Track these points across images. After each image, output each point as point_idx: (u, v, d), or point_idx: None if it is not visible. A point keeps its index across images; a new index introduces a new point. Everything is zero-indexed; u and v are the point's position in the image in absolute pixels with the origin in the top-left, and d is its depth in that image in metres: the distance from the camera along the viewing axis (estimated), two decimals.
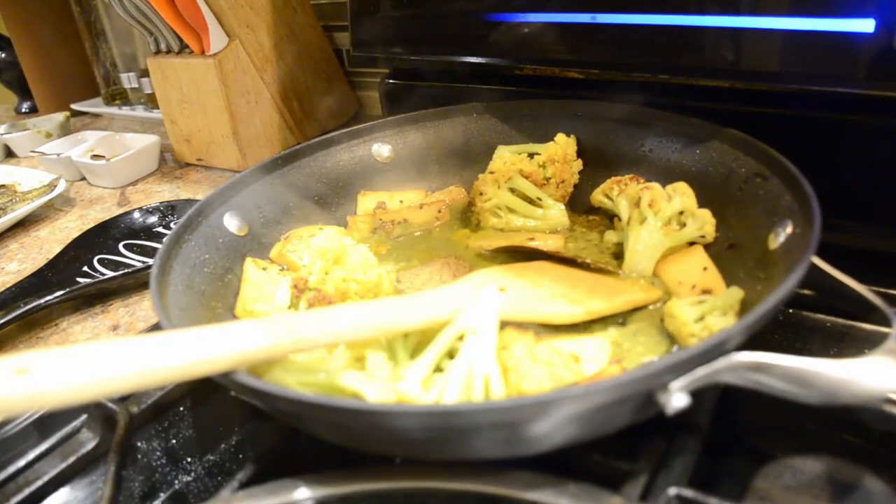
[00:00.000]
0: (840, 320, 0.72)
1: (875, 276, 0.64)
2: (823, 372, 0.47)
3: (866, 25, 0.69)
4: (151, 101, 1.74)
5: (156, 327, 0.88)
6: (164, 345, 0.48)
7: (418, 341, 0.62)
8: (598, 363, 0.60)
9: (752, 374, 0.48)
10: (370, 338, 0.57)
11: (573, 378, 0.56)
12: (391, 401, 0.55)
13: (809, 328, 0.72)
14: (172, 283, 0.69)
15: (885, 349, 0.49)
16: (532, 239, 0.83)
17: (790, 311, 0.72)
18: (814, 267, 0.58)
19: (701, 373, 0.48)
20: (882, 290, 0.65)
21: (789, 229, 0.64)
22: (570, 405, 0.45)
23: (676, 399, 0.47)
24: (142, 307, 0.97)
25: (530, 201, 0.90)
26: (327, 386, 0.55)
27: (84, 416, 0.73)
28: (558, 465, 0.52)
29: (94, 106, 1.90)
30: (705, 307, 0.64)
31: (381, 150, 1.01)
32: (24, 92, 2.15)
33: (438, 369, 0.58)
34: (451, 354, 0.59)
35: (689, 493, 0.51)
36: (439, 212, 0.92)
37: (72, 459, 0.69)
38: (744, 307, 0.65)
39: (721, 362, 0.48)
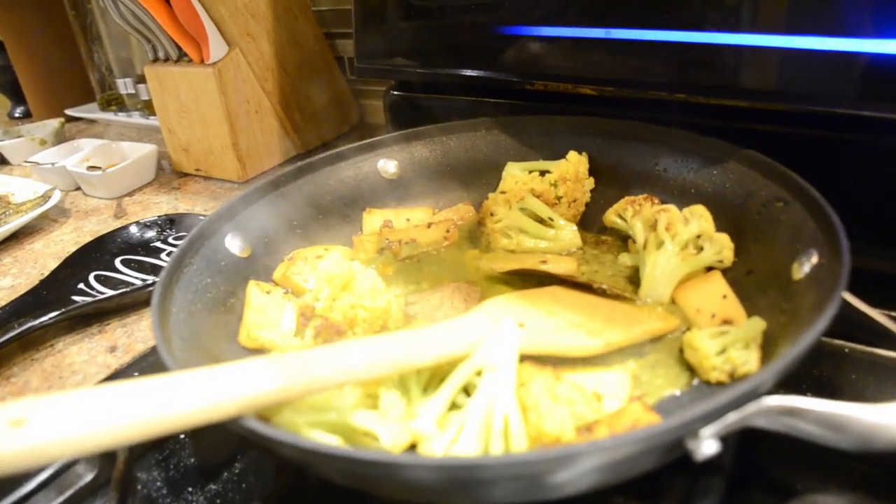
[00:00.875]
0: (859, 347, 0.70)
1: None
2: (859, 417, 0.45)
3: None
4: (148, 108, 1.71)
5: (155, 350, 0.86)
6: (169, 389, 0.46)
7: (431, 374, 0.60)
8: (618, 398, 0.58)
9: (785, 419, 0.47)
10: (384, 375, 0.55)
11: (594, 416, 0.54)
12: (406, 443, 0.53)
13: (826, 354, 0.69)
14: (174, 312, 0.66)
15: None
16: (544, 262, 0.81)
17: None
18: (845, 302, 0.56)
19: (732, 418, 0.46)
20: None
21: (814, 259, 0.62)
22: (597, 457, 0.43)
23: (706, 446, 0.45)
24: (140, 327, 0.94)
25: (541, 221, 0.88)
26: (339, 426, 0.53)
27: None
28: None
29: (89, 112, 1.87)
30: (727, 339, 0.62)
31: (388, 165, 0.98)
32: (17, 96, 2.11)
33: (454, 405, 0.56)
34: (466, 390, 0.57)
35: None
36: (448, 231, 0.89)
37: (69, 493, 0.66)
38: (766, 338, 0.63)
39: (752, 407, 0.46)
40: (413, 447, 0.54)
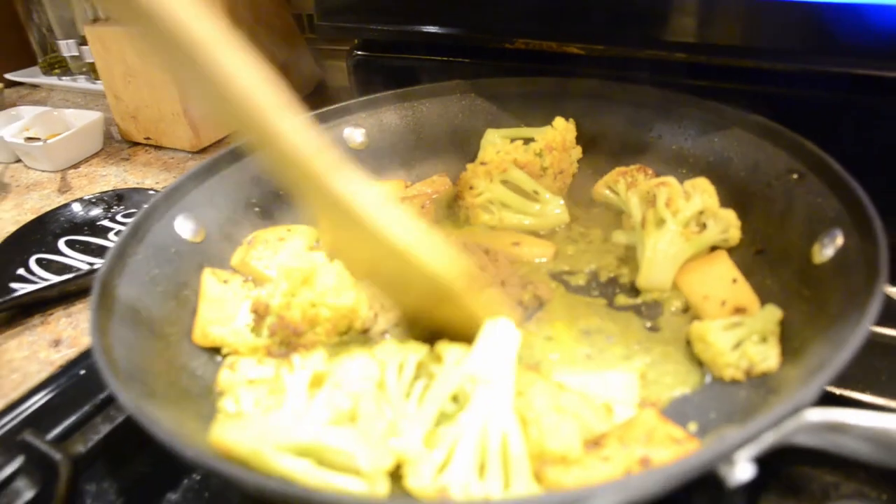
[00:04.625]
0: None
1: None
2: None
3: None
4: (94, 72, 1.60)
5: None
6: None
7: (415, 376, 0.53)
8: (628, 405, 0.52)
9: (828, 435, 0.41)
10: None
11: (603, 428, 0.48)
12: (388, 466, 0.46)
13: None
14: (117, 312, 0.58)
15: None
16: (517, 244, 0.74)
17: None
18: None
19: (769, 438, 0.40)
20: None
21: (839, 241, 0.56)
22: (618, 495, 0.36)
23: (741, 471, 0.39)
24: (86, 317, 0.85)
25: (525, 195, 0.80)
26: (309, 448, 0.46)
27: (21, 460, 0.63)
28: None
29: (30, 76, 1.75)
30: (742, 332, 0.56)
31: (354, 134, 0.90)
32: None
33: (443, 414, 0.49)
34: (455, 397, 0.50)
35: None
36: (423, 207, 0.82)
37: None
38: (784, 329, 0.57)
39: (791, 424, 0.40)
40: (397, 469, 0.47)
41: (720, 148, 0.74)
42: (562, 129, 0.82)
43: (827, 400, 0.49)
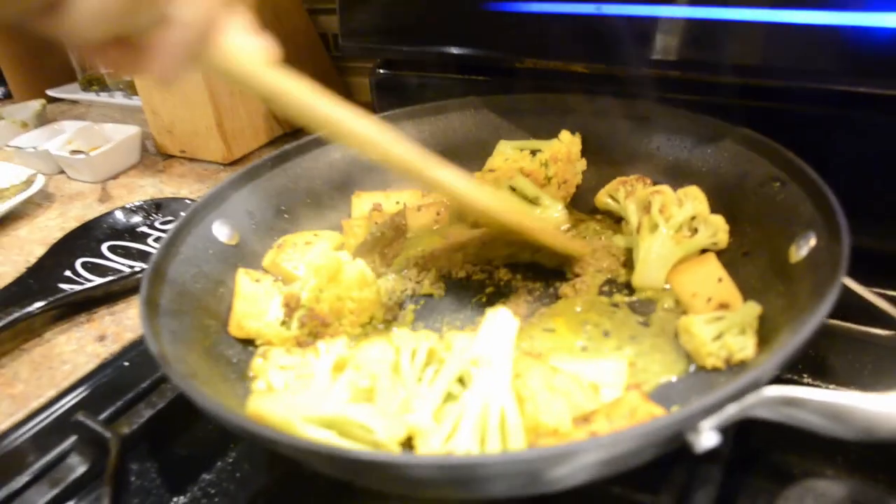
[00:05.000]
0: (854, 327, 0.68)
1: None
2: (861, 406, 0.45)
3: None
4: (131, 88, 1.68)
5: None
6: None
7: (426, 363, 0.59)
8: (615, 387, 0.57)
9: (785, 409, 0.47)
10: None
11: (592, 407, 0.54)
12: (401, 436, 0.52)
13: (822, 334, 0.69)
14: (163, 304, 0.65)
15: None
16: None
17: None
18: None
19: (731, 410, 0.45)
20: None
21: (812, 242, 0.61)
22: (596, 453, 0.42)
23: (706, 438, 0.45)
24: (128, 315, 0.93)
25: (528, 200, 0.87)
26: (333, 421, 0.52)
27: (73, 439, 0.71)
28: (578, 497, 0.50)
29: (71, 92, 1.83)
30: (723, 325, 0.62)
31: None
32: None
33: (450, 395, 0.55)
34: (461, 379, 0.56)
35: None
36: (438, 214, 0.88)
37: (60, 487, 0.66)
38: (763, 322, 0.62)
39: (752, 398, 0.46)
40: (409, 440, 0.54)
41: (712, 158, 0.79)
42: (567, 142, 0.89)
43: None
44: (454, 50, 0.98)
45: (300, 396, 0.54)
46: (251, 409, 0.53)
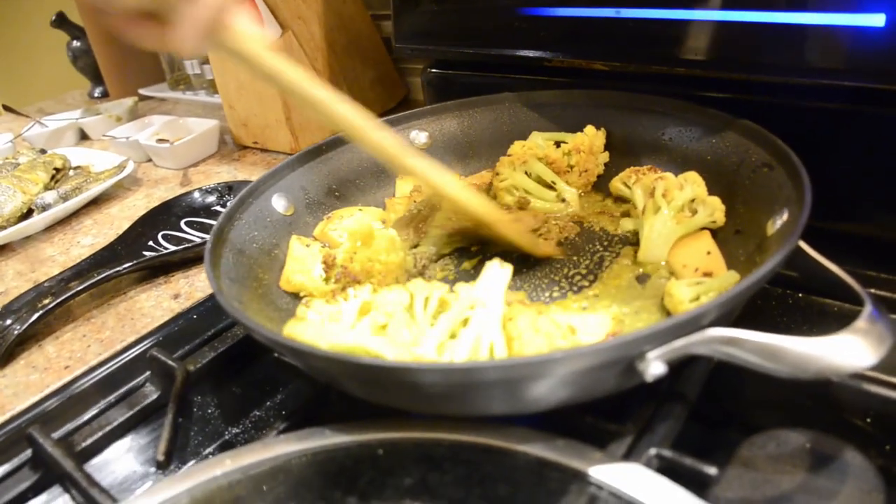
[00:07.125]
0: (811, 296, 0.77)
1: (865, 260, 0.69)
2: (791, 348, 0.51)
3: (877, 20, 0.72)
4: (212, 87, 1.83)
5: (211, 297, 0.98)
6: None
7: (437, 310, 0.69)
8: (595, 336, 0.65)
9: (725, 348, 0.53)
10: None
11: (566, 344, 0.62)
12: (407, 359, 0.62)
13: (799, 307, 0.77)
14: (224, 256, 0.77)
15: (853, 328, 0.52)
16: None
17: (786, 291, 0.78)
18: (802, 252, 0.63)
19: (677, 344, 0.53)
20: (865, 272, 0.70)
21: (785, 216, 0.68)
22: (556, 367, 0.51)
23: (654, 367, 0.53)
24: (200, 279, 1.06)
25: (544, 184, 0.96)
26: (353, 348, 0.63)
27: (148, 373, 0.83)
28: (555, 424, 0.59)
29: (159, 91, 2.00)
30: (701, 288, 0.69)
31: (419, 136, 1.07)
32: (96, 77, 2.28)
33: (453, 335, 0.65)
34: (465, 322, 0.66)
35: (668, 453, 0.57)
36: None
37: (136, 409, 0.79)
38: None
39: (696, 336, 0.53)
40: None
41: (716, 147, 0.86)
42: (591, 136, 0.97)
43: None
44: (491, 51, 1.08)
45: (328, 327, 0.65)
46: (286, 332, 0.64)
